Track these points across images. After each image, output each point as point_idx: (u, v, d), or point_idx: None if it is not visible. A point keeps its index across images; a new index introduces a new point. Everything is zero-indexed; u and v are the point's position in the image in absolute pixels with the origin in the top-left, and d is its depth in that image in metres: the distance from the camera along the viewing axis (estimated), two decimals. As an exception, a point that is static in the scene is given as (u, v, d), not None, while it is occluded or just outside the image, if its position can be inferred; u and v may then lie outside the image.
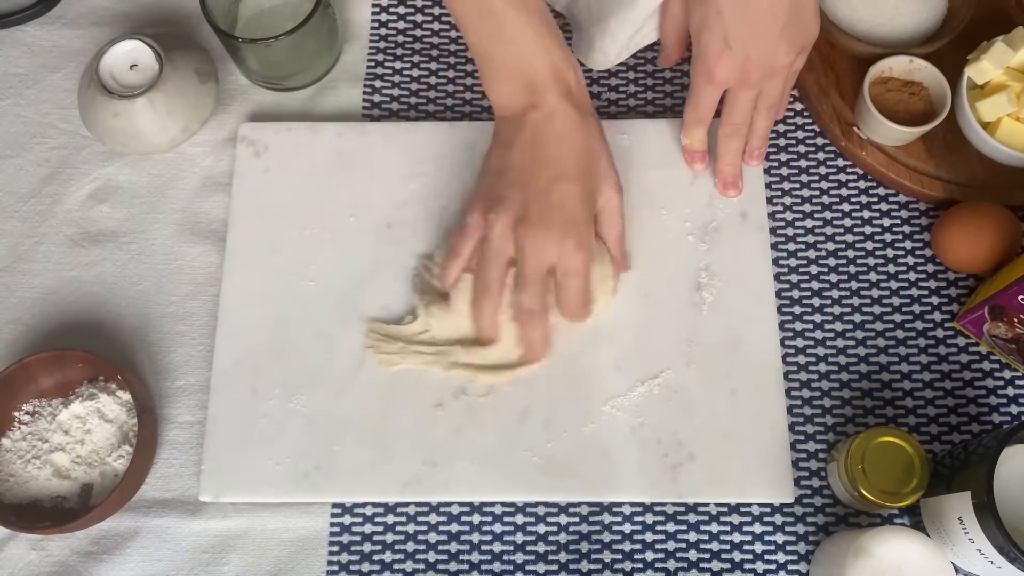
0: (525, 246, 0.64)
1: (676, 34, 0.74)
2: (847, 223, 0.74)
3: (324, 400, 0.68)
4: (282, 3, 0.78)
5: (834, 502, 0.67)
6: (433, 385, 0.68)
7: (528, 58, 0.63)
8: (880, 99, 0.73)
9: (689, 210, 0.73)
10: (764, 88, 0.69)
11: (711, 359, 0.69)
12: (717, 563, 0.66)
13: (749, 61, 0.66)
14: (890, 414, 0.69)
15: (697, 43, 0.68)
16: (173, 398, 0.70)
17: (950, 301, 0.72)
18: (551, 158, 0.64)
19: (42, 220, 0.76)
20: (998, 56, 0.71)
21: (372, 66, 0.80)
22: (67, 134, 0.78)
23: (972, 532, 0.57)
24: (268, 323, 0.71)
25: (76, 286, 0.74)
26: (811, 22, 0.67)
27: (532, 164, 0.64)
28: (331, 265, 0.72)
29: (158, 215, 0.76)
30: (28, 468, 0.66)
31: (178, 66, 0.75)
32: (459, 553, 0.66)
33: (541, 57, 0.63)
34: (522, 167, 0.65)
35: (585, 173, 0.65)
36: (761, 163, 0.74)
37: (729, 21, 0.65)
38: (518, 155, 0.65)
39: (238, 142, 0.76)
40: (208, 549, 0.67)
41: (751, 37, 0.65)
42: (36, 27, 0.83)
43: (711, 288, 0.71)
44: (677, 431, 0.67)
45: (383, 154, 0.75)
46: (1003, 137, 0.72)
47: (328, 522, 0.67)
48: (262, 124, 0.77)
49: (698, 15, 0.66)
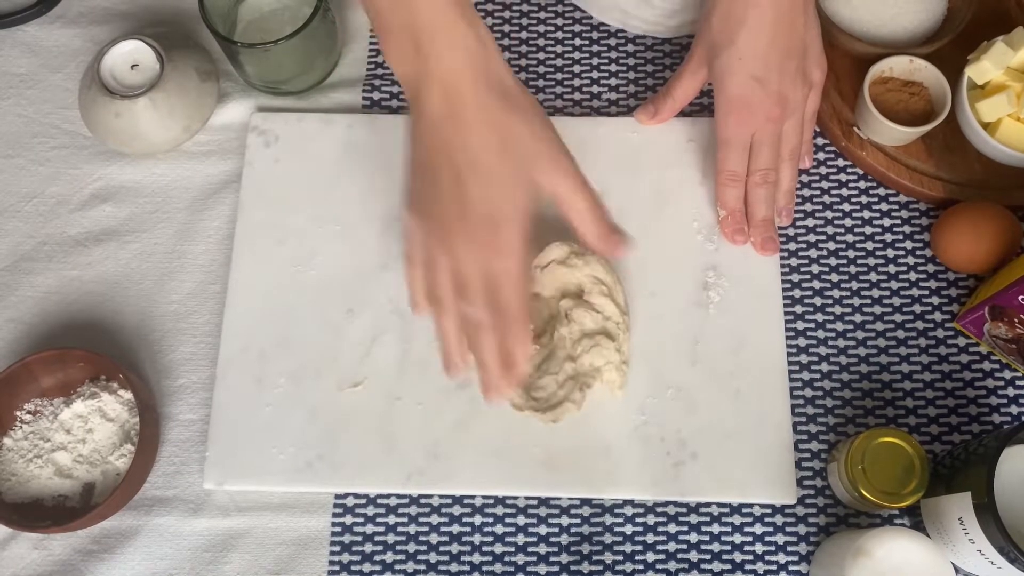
0: (455, 255, 0.57)
1: (682, 94, 0.74)
2: (847, 223, 0.74)
3: (329, 390, 0.69)
4: (281, 7, 0.78)
5: (834, 502, 0.67)
6: (437, 377, 0.68)
7: (412, 10, 0.54)
8: (880, 99, 0.73)
9: (697, 209, 0.73)
10: (784, 130, 0.70)
11: (716, 359, 0.69)
12: (718, 564, 0.66)
13: (772, 96, 0.67)
14: (890, 414, 0.69)
15: (721, 91, 0.69)
16: (175, 396, 0.70)
17: (950, 301, 0.72)
18: (454, 147, 0.56)
19: (44, 220, 0.76)
20: (998, 56, 0.71)
21: (372, 67, 0.80)
22: (68, 134, 0.79)
23: (972, 532, 0.58)
24: (275, 313, 0.71)
25: (78, 285, 0.74)
26: (820, 57, 0.70)
27: (437, 159, 0.57)
28: (339, 256, 0.73)
29: (160, 214, 0.76)
30: (30, 467, 0.66)
31: (179, 66, 0.75)
32: (460, 554, 0.66)
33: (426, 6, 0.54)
34: (430, 164, 0.57)
35: (499, 160, 0.56)
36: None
37: (750, 64, 0.66)
38: (423, 148, 0.57)
39: (249, 131, 0.77)
40: (210, 548, 0.67)
41: (772, 74, 0.67)
42: (36, 27, 0.83)
43: (718, 288, 0.71)
44: (680, 430, 0.67)
45: (393, 146, 0.75)
46: (1003, 137, 0.72)
47: (329, 522, 0.67)
48: (273, 114, 0.78)
49: (720, 63, 0.68)
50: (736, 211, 0.71)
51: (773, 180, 0.71)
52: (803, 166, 0.74)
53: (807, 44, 0.69)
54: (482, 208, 0.56)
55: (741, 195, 0.71)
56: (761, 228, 0.71)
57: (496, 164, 0.56)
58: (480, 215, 0.56)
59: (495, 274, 0.57)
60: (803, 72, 0.69)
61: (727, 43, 0.67)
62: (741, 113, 0.68)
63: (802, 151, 0.72)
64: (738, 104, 0.68)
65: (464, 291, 0.58)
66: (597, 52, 0.80)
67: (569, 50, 0.81)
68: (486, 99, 0.56)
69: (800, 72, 0.69)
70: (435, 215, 0.57)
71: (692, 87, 0.73)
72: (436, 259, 0.58)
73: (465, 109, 0.56)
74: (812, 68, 0.70)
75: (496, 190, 0.56)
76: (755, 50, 0.67)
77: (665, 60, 0.80)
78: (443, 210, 0.57)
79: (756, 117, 0.68)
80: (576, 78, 0.80)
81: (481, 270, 0.57)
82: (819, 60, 0.70)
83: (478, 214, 0.56)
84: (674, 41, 0.81)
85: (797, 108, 0.69)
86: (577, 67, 0.80)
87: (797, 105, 0.69)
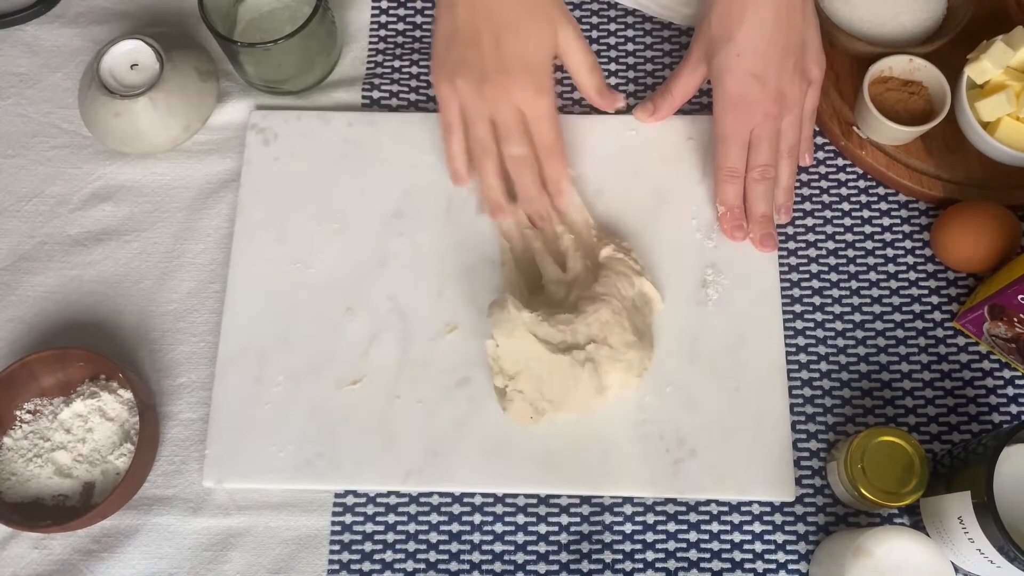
0: (495, 101, 0.66)
1: (681, 91, 0.74)
2: (847, 223, 0.74)
3: (328, 389, 0.69)
4: (281, 7, 0.78)
5: (834, 501, 0.67)
6: (436, 374, 0.69)
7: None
8: (880, 99, 0.73)
9: (696, 207, 0.73)
10: (783, 127, 0.70)
11: (715, 356, 0.69)
12: (717, 563, 0.66)
13: (770, 93, 0.68)
14: (890, 413, 0.69)
15: (720, 88, 0.69)
16: (175, 396, 0.70)
17: (950, 301, 0.72)
18: (494, 10, 0.66)
19: (44, 220, 0.76)
20: (998, 56, 0.71)
21: (372, 67, 0.80)
22: (68, 134, 0.79)
23: (972, 532, 0.58)
24: (274, 311, 0.71)
25: (77, 285, 0.74)
26: (819, 54, 0.71)
27: (478, 21, 0.66)
28: (338, 254, 0.73)
29: (160, 214, 0.76)
30: (30, 467, 0.66)
31: (178, 65, 0.75)
32: (460, 553, 0.66)
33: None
34: (469, 26, 0.66)
35: (532, 19, 0.66)
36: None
37: (749, 61, 0.67)
38: (462, 14, 0.67)
39: (248, 129, 0.77)
40: (210, 547, 0.67)
41: (770, 71, 0.67)
42: (36, 27, 0.83)
43: (717, 286, 0.71)
44: (679, 427, 0.67)
45: (392, 144, 0.76)
46: (1003, 137, 0.72)
47: (329, 520, 0.67)
48: (272, 112, 0.78)
49: (719, 61, 0.68)
50: (735, 207, 0.71)
51: (772, 176, 0.71)
52: (803, 163, 0.74)
53: (806, 41, 0.69)
54: (519, 60, 0.66)
55: (740, 191, 0.71)
56: (760, 224, 0.71)
57: (529, 23, 0.66)
58: (518, 66, 0.66)
59: (535, 113, 0.67)
60: (802, 69, 0.69)
61: (726, 40, 0.67)
62: (739, 110, 0.69)
63: (802, 148, 0.73)
64: (736, 101, 0.68)
65: (505, 135, 0.67)
66: (596, 51, 0.80)
67: (569, 50, 0.81)
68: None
69: (799, 69, 0.69)
70: (475, 74, 0.66)
71: (691, 84, 0.73)
72: (477, 113, 0.67)
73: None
74: (811, 65, 0.70)
75: (531, 45, 0.66)
76: (754, 47, 0.67)
77: (664, 59, 0.80)
78: (484, 67, 0.66)
79: (754, 114, 0.69)
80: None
81: (519, 113, 0.67)
82: (818, 57, 0.70)
83: (516, 65, 0.66)
84: (673, 39, 0.81)
85: (795, 105, 0.70)
86: (577, 66, 0.80)
87: (795, 102, 0.69)
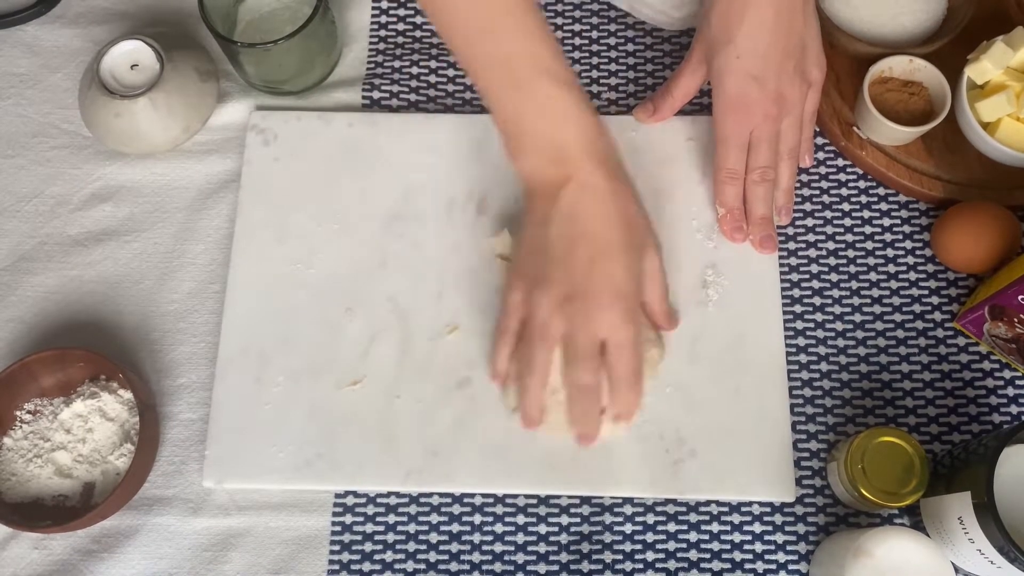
0: (575, 321, 0.62)
1: (682, 92, 0.74)
2: (847, 223, 0.74)
3: (328, 389, 0.69)
4: (281, 7, 0.78)
5: (834, 502, 0.67)
6: (436, 375, 0.69)
7: (559, 129, 0.62)
8: (880, 99, 0.73)
9: (696, 208, 0.73)
10: (783, 129, 0.70)
11: (715, 357, 0.69)
12: (718, 563, 0.66)
13: (770, 94, 0.68)
14: (890, 414, 0.69)
15: (720, 89, 0.69)
16: (175, 396, 0.70)
17: (950, 301, 0.72)
18: (591, 234, 0.62)
19: (44, 220, 0.76)
20: (998, 56, 0.71)
21: (372, 67, 0.80)
22: (68, 134, 0.79)
23: (972, 532, 0.58)
24: (274, 312, 0.71)
25: (77, 285, 0.74)
26: (820, 56, 0.71)
27: (572, 241, 0.62)
28: (338, 255, 0.73)
29: (160, 214, 0.76)
30: (30, 467, 0.66)
31: (179, 65, 0.75)
32: (460, 553, 0.66)
33: (573, 127, 0.62)
34: (562, 245, 0.63)
35: (627, 245, 0.63)
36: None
37: (749, 63, 0.67)
38: (556, 232, 0.63)
39: (248, 130, 0.77)
40: (210, 547, 0.67)
41: (770, 73, 0.67)
42: (36, 27, 0.83)
43: (717, 286, 0.71)
44: (679, 428, 0.67)
45: (392, 145, 0.76)
46: (1003, 137, 0.72)
47: (329, 521, 0.67)
48: (272, 112, 0.78)
49: (719, 62, 0.68)
50: (735, 209, 0.71)
51: (772, 178, 0.71)
52: (803, 165, 0.74)
53: (806, 43, 0.69)
54: (610, 286, 0.62)
55: (740, 193, 0.71)
56: (760, 226, 0.71)
57: (626, 249, 0.63)
58: (609, 292, 0.62)
59: (618, 342, 0.62)
60: (802, 71, 0.69)
61: (726, 41, 0.67)
62: (739, 111, 0.69)
63: (802, 150, 0.73)
64: (736, 102, 0.68)
65: (575, 359, 0.62)
66: (596, 52, 0.80)
67: (569, 49, 0.81)
68: (613, 190, 0.63)
69: (799, 71, 0.69)
70: (559, 292, 0.62)
71: (691, 85, 0.73)
72: (546, 331, 0.62)
73: (601, 201, 0.62)
74: (811, 67, 0.70)
75: (623, 271, 0.62)
76: (754, 49, 0.67)
77: (665, 60, 0.80)
78: (572, 287, 0.62)
79: (754, 115, 0.69)
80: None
81: (596, 340, 0.62)
82: (818, 59, 0.70)
83: (607, 290, 0.62)
84: (674, 40, 0.81)
85: (795, 107, 0.70)
86: (577, 67, 0.80)
87: (795, 104, 0.69)
